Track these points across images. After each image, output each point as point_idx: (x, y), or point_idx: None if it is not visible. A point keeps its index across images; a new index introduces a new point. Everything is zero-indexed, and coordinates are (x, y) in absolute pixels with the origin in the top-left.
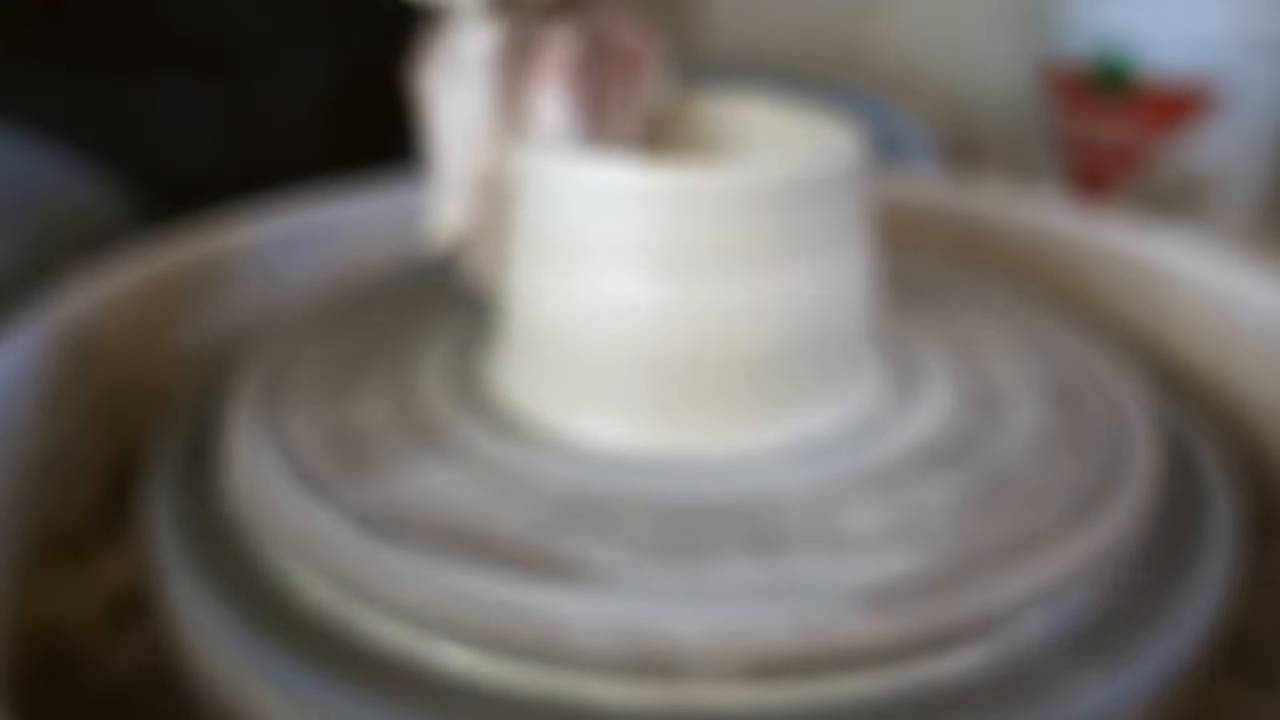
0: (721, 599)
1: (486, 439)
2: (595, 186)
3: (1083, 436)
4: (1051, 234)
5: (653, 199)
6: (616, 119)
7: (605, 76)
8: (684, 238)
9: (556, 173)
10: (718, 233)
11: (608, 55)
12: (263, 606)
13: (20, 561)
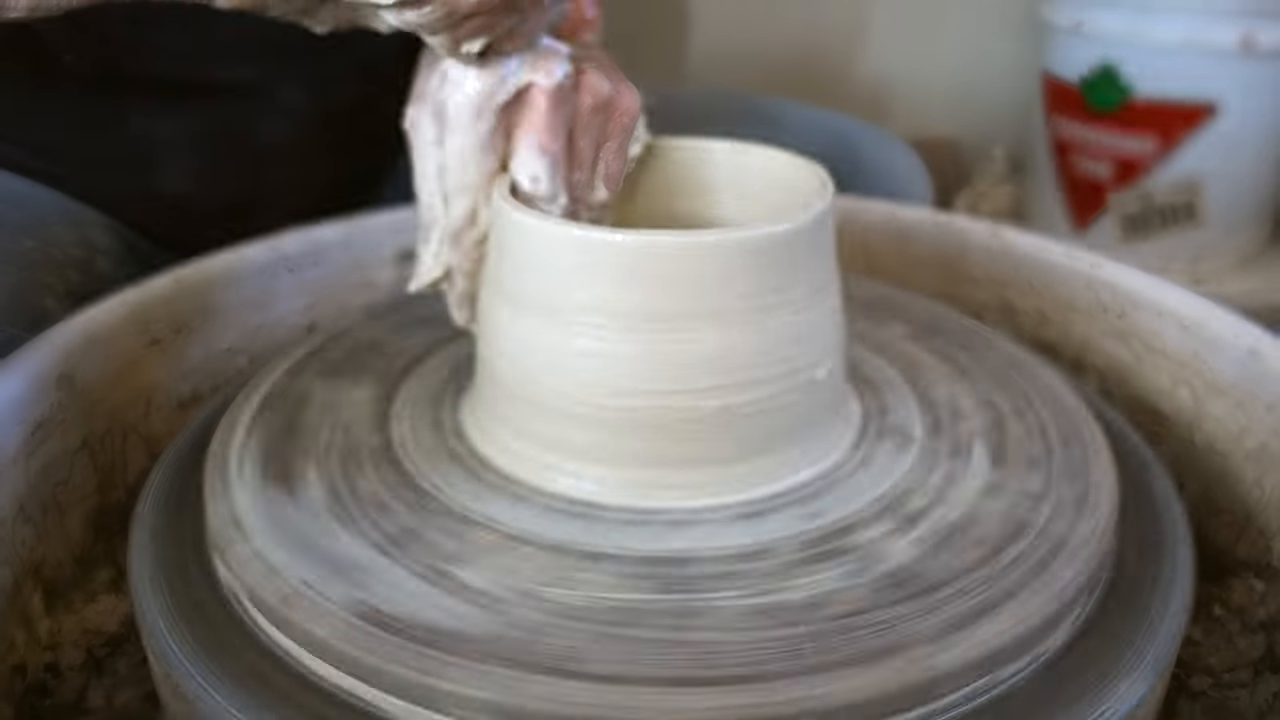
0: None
1: (461, 496)
2: (563, 246)
3: (1037, 495)
4: (1040, 270)
5: (618, 259)
6: (596, 164)
7: (585, 123)
8: (648, 296)
9: (526, 230)
10: (682, 291)
11: (588, 102)
12: (238, 657)
13: (2, 600)
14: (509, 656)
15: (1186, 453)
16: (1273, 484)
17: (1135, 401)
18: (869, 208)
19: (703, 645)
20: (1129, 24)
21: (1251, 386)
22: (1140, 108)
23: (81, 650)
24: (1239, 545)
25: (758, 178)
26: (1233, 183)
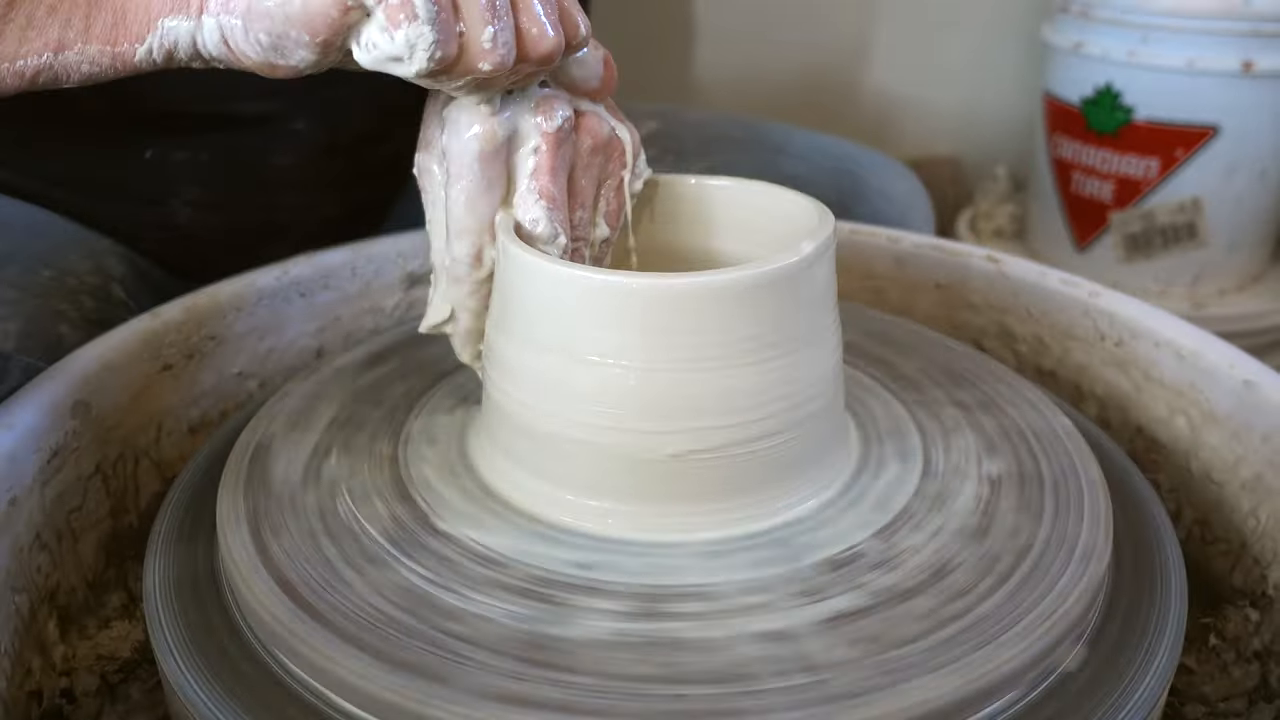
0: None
1: (469, 529)
2: (564, 285)
3: (1029, 532)
4: (1038, 298)
5: (616, 299)
6: (597, 203)
7: (585, 163)
8: (646, 336)
9: (528, 269)
10: (679, 331)
11: (588, 144)
12: (246, 683)
13: (19, 626)
14: (493, 694)
15: (1184, 481)
16: (1267, 514)
17: (1134, 430)
18: (872, 233)
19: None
20: (1129, 47)
21: (1247, 417)
22: (1141, 129)
23: (96, 676)
24: (1234, 574)
25: (759, 213)
26: (1233, 203)
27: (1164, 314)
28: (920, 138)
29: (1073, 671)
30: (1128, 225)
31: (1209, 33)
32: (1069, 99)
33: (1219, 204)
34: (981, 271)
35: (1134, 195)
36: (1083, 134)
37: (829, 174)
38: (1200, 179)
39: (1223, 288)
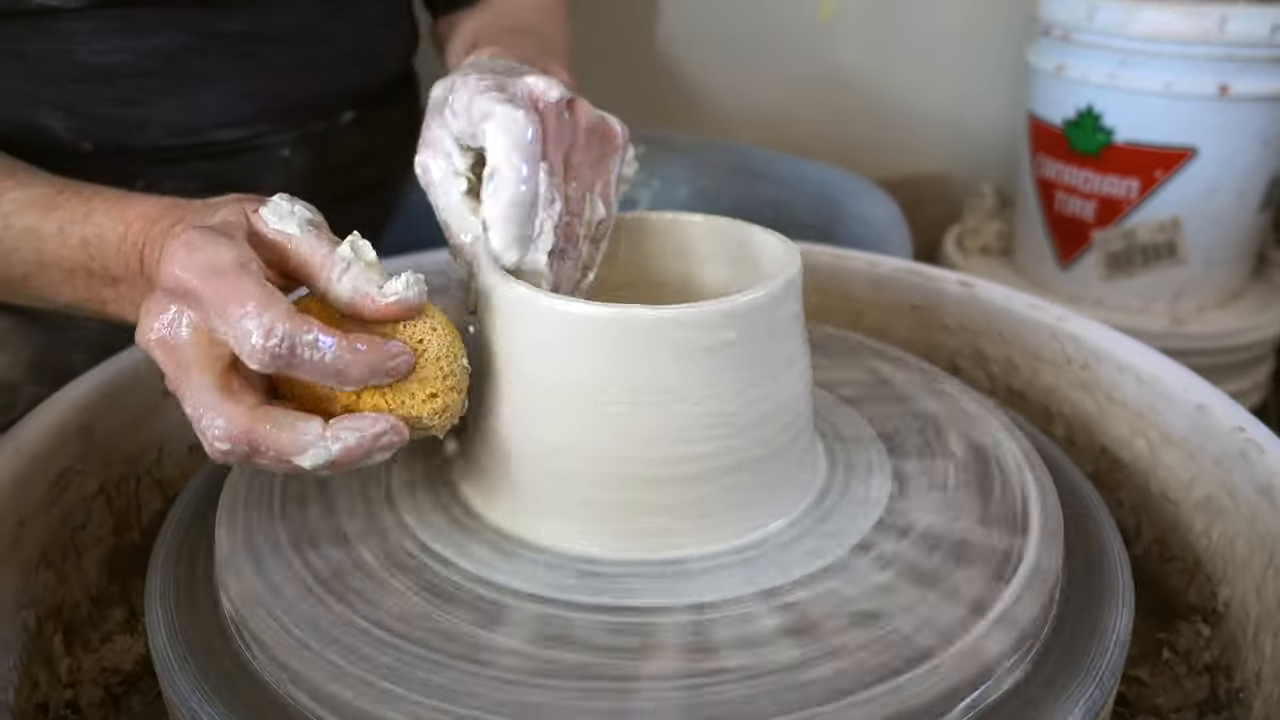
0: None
1: (455, 556)
2: (546, 317)
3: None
4: (1009, 321)
5: (599, 331)
6: (594, 183)
7: (582, 142)
8: (625, 367)
9: (513, 301)
10: (652, 360)
11: (583, 123)
12: (243, 699)
13: (27, 641)
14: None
15: (1143, 501)
16: (1219, 533)
17: (1098, 450)
18: (851, 257)
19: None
20: (1109, 70)
21: (1200, 440)
22: (1121, 150)
23: (100, 688)
24: (1189, 591)
25: (733, 247)
26: (1212, 222)
27: (1126, 339)
28: (909, 155)
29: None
30: (1109, 244)
31: (1186, 57)
32: (1052, 120)
33: (1198, 223)
34: (955, 295)
35: (1115, 214)
36: (1065, 154)
37: (809, 199)
38: (1180, 199)
39: (1202, 304)
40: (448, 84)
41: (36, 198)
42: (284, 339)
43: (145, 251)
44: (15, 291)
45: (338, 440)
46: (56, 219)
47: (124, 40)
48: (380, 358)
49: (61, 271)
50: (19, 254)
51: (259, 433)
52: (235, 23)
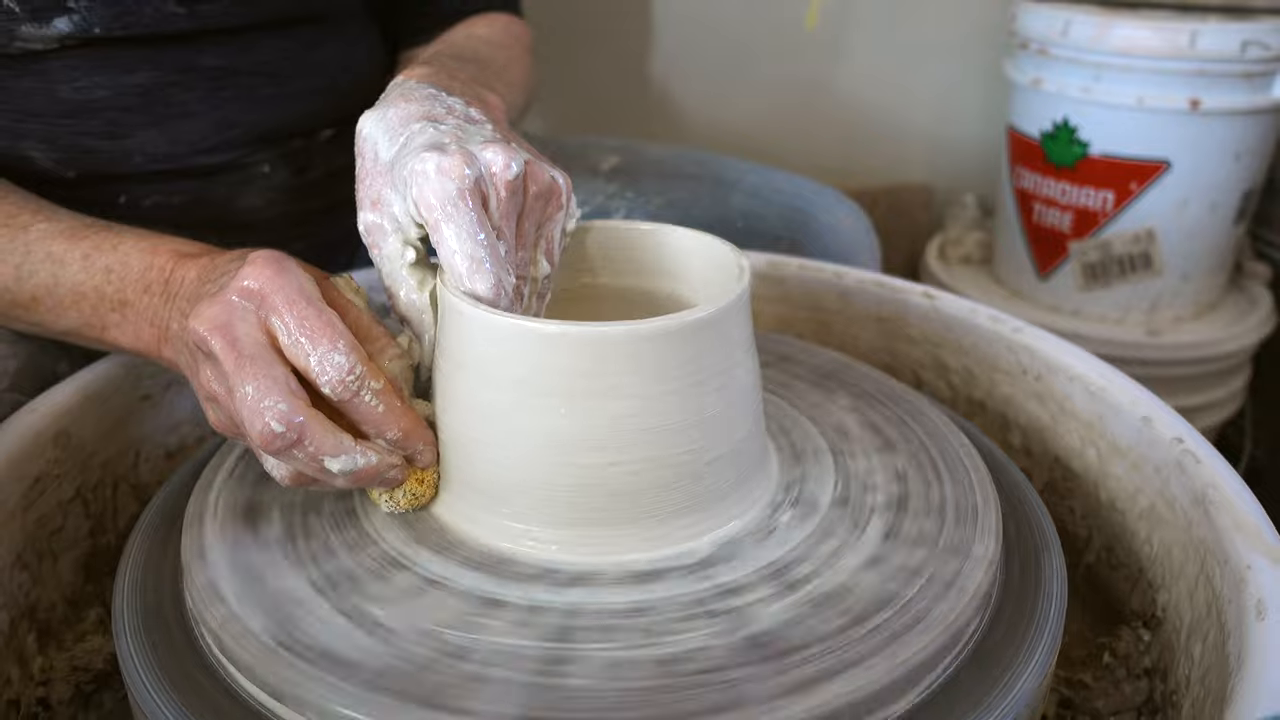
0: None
1: (397, 543)
2: (493, 331)
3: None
4: (969, 332)
5: (546, 345)
6: (538, 243)
7: (529, 208)
8: (576, 379)
9: (470, 319)
10: (610, 373)
11: (532, 190)
12: (199, 691)
13: (0, 643)
14: (395, 688)
15: (1093, 510)
16: (1159, 540)
17: (1052, 459)
18: (819, 268)
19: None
20: (1084, 84)
21: (1144, 450)
22: (1097, 163)
23: (71, 686)
24: (1133, 597)
25: (688, 256)
26: (1186, 234)
27: (1078, 350)
28: (893, 165)
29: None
30: (1086, 255)
31: (1158, 72)
32: (1029, 132)
33: (1172, 235)
34: (918, 307)
35: (1092, 226)
36: (1043, 166)
37: (779, 210)
38: (1154, 211)
39: (1179, 315)
40: (377, 121)
41: (65, 229)
42: (359, 379)
43: (172, 277)
44: (17, 317)
45: (364, 455)
46: (83, 247)
47: (104, 77)
48: (413, 439)
49: (72, 295)
50: (35, 277)
51: (311, 427)
52: (211, 59)
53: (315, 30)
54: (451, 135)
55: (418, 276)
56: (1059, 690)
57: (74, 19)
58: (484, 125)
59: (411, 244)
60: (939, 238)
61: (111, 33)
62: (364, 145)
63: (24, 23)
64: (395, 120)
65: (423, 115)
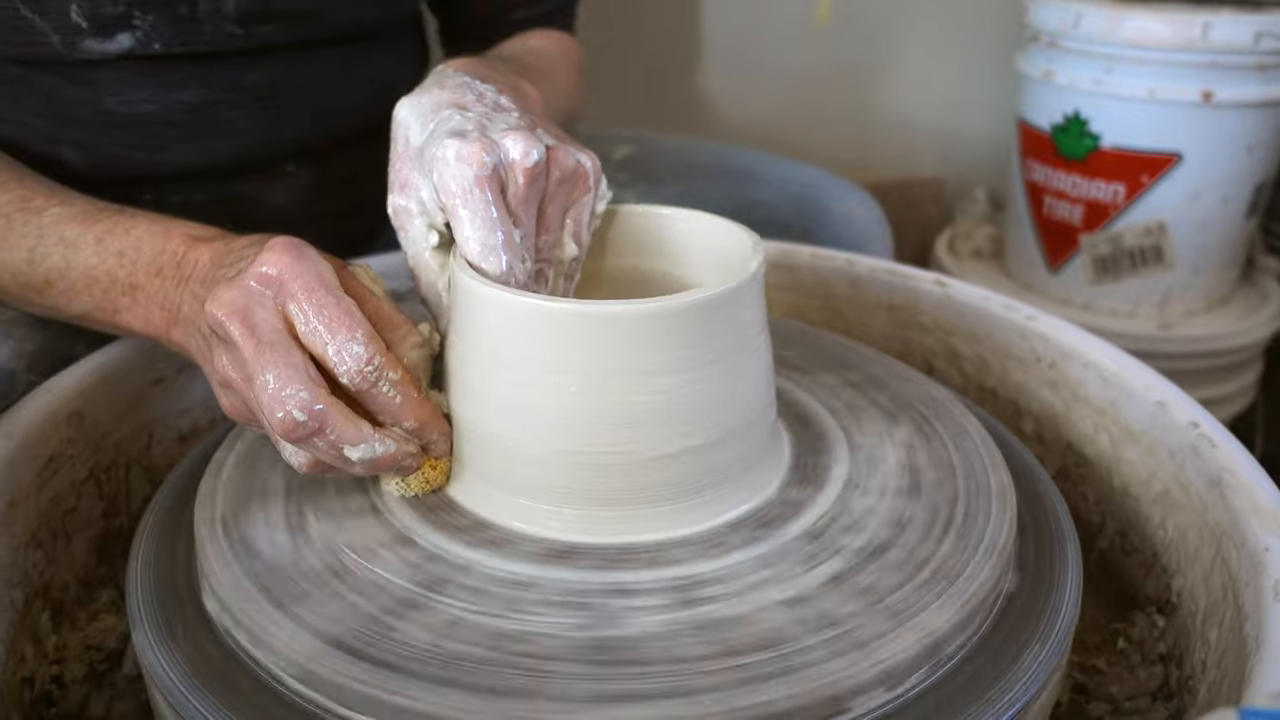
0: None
1: (432, 536)
2: (512, 311)
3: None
4: (981, 320)
5: (558, 322)
6: (563, 226)
7: (552, 192)
8: (589, 358)
9: (483, 299)
10: (622, 352)
11: (555, 175)
12: (218, 672)
13: (14, 618)
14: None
15: (1106, 496)
16: (1174, 525)
17: (1064, 445)
18: (830, 256)
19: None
20: (1095, 76)
21: (1159, 435)
22: (1108, 155)
23: (84, 664)
24: (1147, 583)
25: (705, 240)
26: (1198, 227)
27: (1091, 337)
28: (903, 159)
29: (1013, 592)
30: (1097, 248)
31: (1170, 64)
32: (1040, 125)
33: (1184, 228)
34: (930, 295)
35: (1102, 219)
36: (1053, 159)
37: (793, 199)
38: (1165, 204)
39: (1190, 309)
40: (412, 107)
41: (78, 214)
42: (378, 369)
43: (184, 257)
44: (30, 300)
45: (383, 444)
46: (96, 231)
47: (151, 92)
48: (429, 429)
49: (85, 280)
50: (48, 261)
51: (332, 415)
52: (259, 76)
53: (365, 47)
54: (475, 122)
55: (440, 260)
56: (1073, 676)
57: (136, 35)
58: (510, 113)
59: (436, 228)
60: (949, 231)
61: (170, 49)
62: (398, 130)
63: (89, 37)
64: (428, 106)
65: (452, 102)
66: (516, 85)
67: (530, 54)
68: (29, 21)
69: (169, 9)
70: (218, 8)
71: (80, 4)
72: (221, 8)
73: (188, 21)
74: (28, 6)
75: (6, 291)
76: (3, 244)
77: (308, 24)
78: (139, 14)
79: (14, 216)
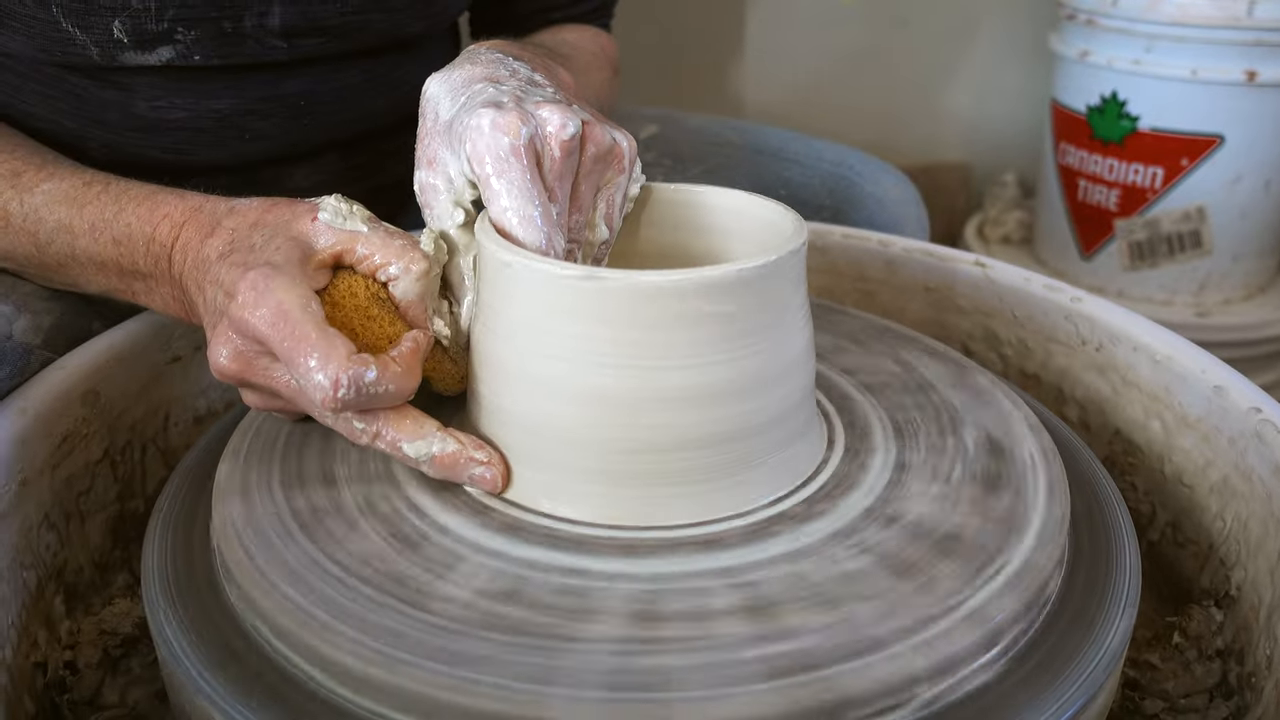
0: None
1: (454, 522)
2: (544, 283)
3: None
4: (1022, 302)
5: (593, 295)
6: (595, 207)
7: (587, 170)
8: (620, 333)
9: (515, 271)
10: (655, 329)
11: (591, 152)
12: (238, 660)
13: (27, 601)
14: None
15: (1158, 485)
16: (1233, 516)
17: (1112, 432)
18: (864, 237)
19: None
20: (1134, 56)
21: (1216, 421)
22: (1146, 138)
23: (98, 650)
24: (1203, 575)
25: (742, 219)
26: (1238, 212)
27: (1141, 319)
28: (930, 143)
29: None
30: (1132, 233)
31: (1212, 42)
32: (1075, 107)
33: (1223, 213)
34: (969, 276)
35: (1139, 204)
36: (1088, 142)
37: (824, 178)
38: (1205, 188)
39: (1228, 297)
40: (442, 82)
41: (68, 192)
42: (349, 386)
43: (174, 254)
44: (51, 279)
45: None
46: (88, 216)
47: (185, 100)
48: (417, 359)
49: (94, 265)
50: (54, 246)
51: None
52: (295, 86)
53: (402, 55)
54: (511, 95)
55: (465, 239)
56: (1125, 671)
57: (177, 48)
58: (545, 88)
59: (463, 206)
60: (978, 217)
61: (210, 62)
62: (427, 105)
63: (129, 50)
64: (459, 81)
65: (485, 76)
66: (550, 67)
67: (564, 45)
68: (69, 35)
69: (213, 24)
70: (262, 23)
71: (123, 21)
72: (266, 23)
73: (231, 36)
74: (70, 21)
75: (26, 270)
76: (5, 229)
77: (351, 37)
78: (182, 30)
79: (7, 197)
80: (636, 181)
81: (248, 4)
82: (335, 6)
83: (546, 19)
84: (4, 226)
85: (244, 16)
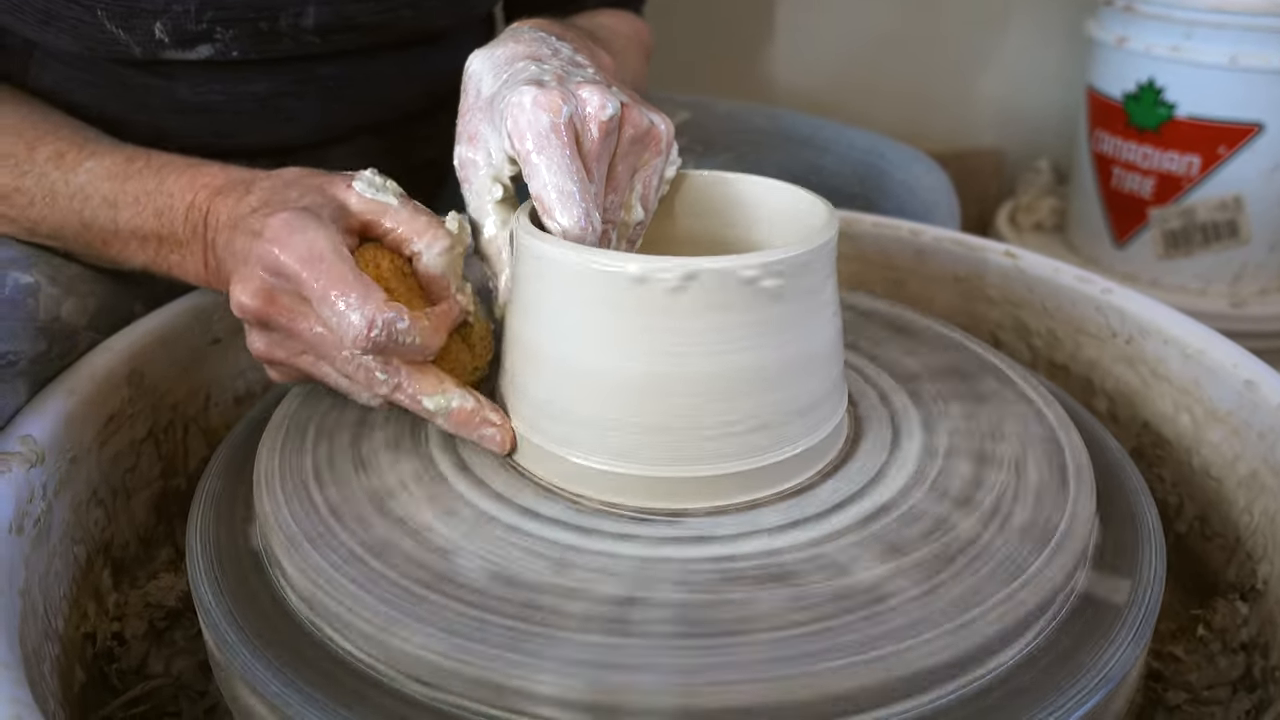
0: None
1: (488, 503)
2: (575, 271)
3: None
4: (1052, 293)
5: (622, 283)
6: (631, 188)
7: (624, 151)
8: (650, 317)
9: (546, 258)
10: (688, 315)
11: (628, 133)
12: (279, 634)
13: (77, 574)
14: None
15: (1185, 477)
16: (1261, 510)
17: (1140, 425)
18: (894, 226)
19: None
20: (1173, 43)
21: (1246, 415)
22: (1183, 125)
23: (144, 622)
24: (1229, 568)
25: (774, 206)
26: (1276, 202)
27: (1172, 312)
28: (962, 129)
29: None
30: (1167, 222)
31: (1253, 29)
32: (1111, 94)
33: (1261, 203)
34: (999, 266)
35: (1174, 192)
36: (1124, 129)
37: (854, 166)
38: (1242, 177)
39: (1264, 288)
40: (485, 59)
41: (111, 168)
42: (383, 328)
43: (209, 218)
44: (95, 255)
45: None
46: (132, 190)
47: (225, 85)
48: (446, 322)
49: (136, 238)
50: (98, 221)
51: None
52: (329, 69)
53: (430, 47)
54: (553, 74)
55: (502, 215)
56: (1148, 663)
57: (216, 46)
58: (586, 69)
59: (501, 182)
60: (1010, 204)
61: (247, 57)
62: (469, 82)
63: (170, 49)
64: (502, 58)
65: (528, 55)
66: (591, 49)
67: (601, 29)
68: (113, 35)
69: (250, 24)
70: (297, 23)
71: (164, 22)
72: (301, 23)
73: (268, 34)
74: (113, 23)
75: (72, 248)
76: (53, 207)
77: (384, 32)
78: (220, 29)
79: (54, 177)
80: (673, 164)
81: (283, 5)
82: (369, 4)
83: (582, 4)
84: (51, 204)
85: (279, 17)
